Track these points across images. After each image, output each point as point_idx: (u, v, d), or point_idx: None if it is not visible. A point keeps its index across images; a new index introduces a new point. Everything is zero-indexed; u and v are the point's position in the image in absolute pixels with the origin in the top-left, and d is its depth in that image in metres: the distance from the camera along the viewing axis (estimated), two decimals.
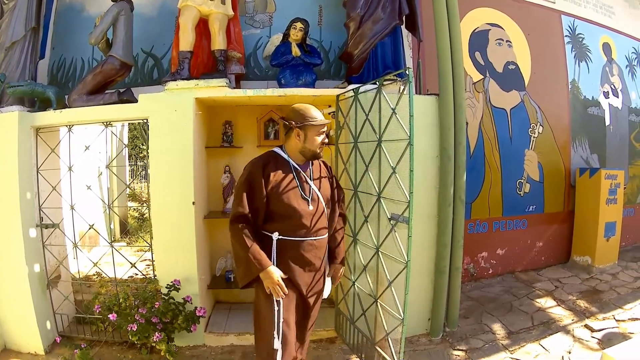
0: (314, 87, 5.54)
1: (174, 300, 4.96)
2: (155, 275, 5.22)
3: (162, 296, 4.94)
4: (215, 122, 6.02)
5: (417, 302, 5.35)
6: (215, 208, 6.11)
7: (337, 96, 5.15)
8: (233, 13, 5.53)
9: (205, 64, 5.66)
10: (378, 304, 4.39)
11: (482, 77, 7.59)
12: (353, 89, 4.78)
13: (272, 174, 3.60)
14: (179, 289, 5.01)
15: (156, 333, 4.62)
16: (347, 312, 5.05)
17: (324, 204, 3.77)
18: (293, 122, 3.66)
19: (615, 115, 9.66)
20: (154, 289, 5.04)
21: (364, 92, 4.64)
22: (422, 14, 6.00)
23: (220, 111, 6.00)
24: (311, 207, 3.68)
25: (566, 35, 8.77)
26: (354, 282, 4.82)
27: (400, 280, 4.00)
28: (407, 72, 3.89)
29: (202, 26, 5.47)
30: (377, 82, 4.34)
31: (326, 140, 3.77)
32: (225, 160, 6.05)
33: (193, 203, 5.10)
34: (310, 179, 3.76)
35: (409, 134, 3.84)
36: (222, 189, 6.01)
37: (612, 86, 9.66)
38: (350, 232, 4.87)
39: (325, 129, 3.75)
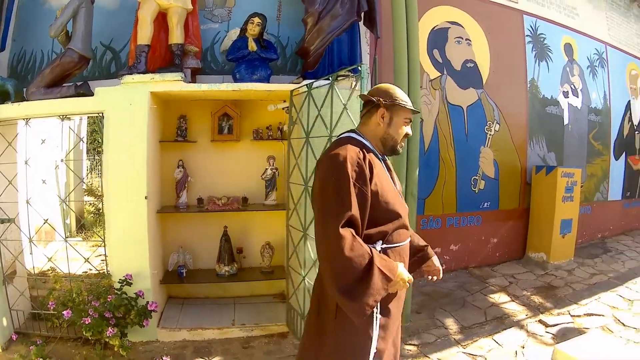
0: (268, 82, 5.62)
1: (127, 295, 4.98)
2: (108, 270, 5.25)
3: (115, 291, 4.96)
4: (170, 116, 6.04)
5: None
6: (169, 202, 6.13)
7: (291, 91, 5.24)
8: (192, 7, 5.56)
9: (162, 57, 5.68)
10: None
11: (440, 74, 7.71)
12: (307, 85, 4.86)
13: (373, 166, 2.77)
14: (131, 283, 5.04)
15: (109, 328, 4.63)
16: (298, 307, 5.10)
17: None
18: (381, 99, 2.89)
19: (574, 114, 9.87)
20: (107, 284, 5.07)
21: (317, 87, 4.72)
22: (382, 11, 6.10)
23: (176, 105, 6.03)
24: (406, 205, 3.03)
25: (527, 35, 8.96)
26: (304, 277, 4.87)
27: None
28: (359, 68, 3.99)
29: (162, 19, 5.49)
30: (330, 78, 4.43)
31: (411, 133, 3.08)
32: (179, 155, 6.06)
33: (145, 197, 5.14)
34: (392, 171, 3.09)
35: None
36: (175, 183, 6.04)
37: (572, 86, 9.86)
38: (300, 227, 4.93)
39: (411, 118, 3.04)
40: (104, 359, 4.75)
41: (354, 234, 2.57)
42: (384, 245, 2.76)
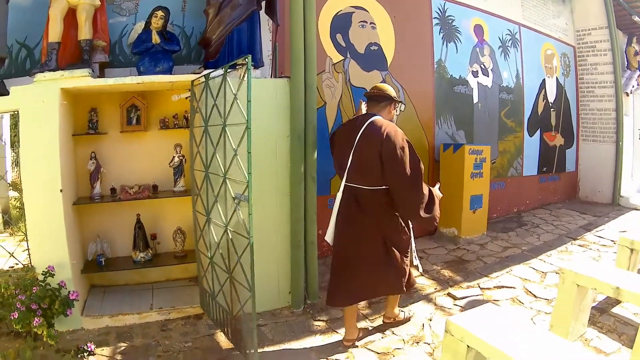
0: (171, 74, 5.76)
1: (50, 286, 5.05)
2: (32, 263, 5.30)
3: (39, 283, 5.02)
4: (81, 110, 6.09)
5: (274, 275, 5.76)
6: (84, 194, 6.18)
7: (192, 81, 5.39)
8: (100, 3, 5.62)
9: (72, 53, 5.68)
10: (232, 279, 4.64)
11: (343, 58, 7.89)
12: (204, 75, 4.99)
13: None
14: (54, 274, 5.09)
15: (35, 318, 4.69)
16: (209, 288, 5.26)
17: None
18: (398, 98, 5.09)
19: (484, 93, 10.27)
20: (32, 277, 5.11)
21: (213, 78, 4.87)
22: None
23: (86, 99, 6.08)
24: None
25: (435, 17, 9.26)
26: (211, 259, 5.05)
27: (248, 256, 4.23)
28: (246, 59, 4.11)
29: (72, 16, 5.51)
30: (223, 69, 4.59)
31: None
32: (91, 147, 6.12)
33: (61, 190, 5.22)
34: None
35: (246, 117, 4.09)
36: (89, 175, 6.09)
37: (482, 66, 10.23)
38: (204, 211, 5.11)
39: None
40: (35, 350, 4.79)
41: None
42: None
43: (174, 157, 6.22)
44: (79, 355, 4.73)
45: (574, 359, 3.28)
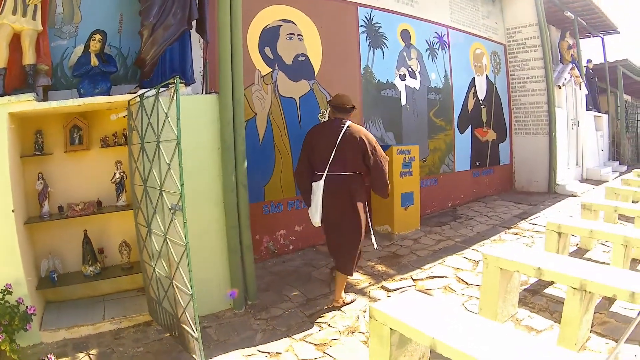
0: (109, 94, 6.02)
1: (9, 303, 5.20)
2: None
3: None
4: (27, 132, 6.25)
5: (215, 280, 6.13)
6: (34, 213, 6.34)
7: (129, 101, 5.68)
8: (42, 28, 5.81)
9: (18, 77, 5.84)
10: (174, 284, 4.90)
11: (271, 70, 8.26)
12: (139, 95, 5.27)
13: None
14: (11, 292, 5.27)
15: None
16: (155, 296, 5.54)
17: None
18: (354, 107, 6.67)
19: (412, 95, 10.76)
20: None
21: (147, 97, 5.12)
22: (213, 18, 6.51)
23: (32, 121, 6.23)
24: None
25: (361, 26, 9.72)
26: (154, 268, 5.32)
27: (186, 262, 4.52)
28: (175, 80, 4.43)
29: (16, 41, 5.68)
30: (155, 89, 4.87)
31: None
32: (38, 168, 6.28)
33: (13, 211, 5.41)
34: None
35: (177, 134, 4.40)
36: (37, 194, 6.26)
37: (409, 69, 10.74)
38: (145, 223, 5.39)
39: None
40: None
41: None
42: None
43: (115, 173, 6.48)
44: None
45: (492, 334, 3.67)
